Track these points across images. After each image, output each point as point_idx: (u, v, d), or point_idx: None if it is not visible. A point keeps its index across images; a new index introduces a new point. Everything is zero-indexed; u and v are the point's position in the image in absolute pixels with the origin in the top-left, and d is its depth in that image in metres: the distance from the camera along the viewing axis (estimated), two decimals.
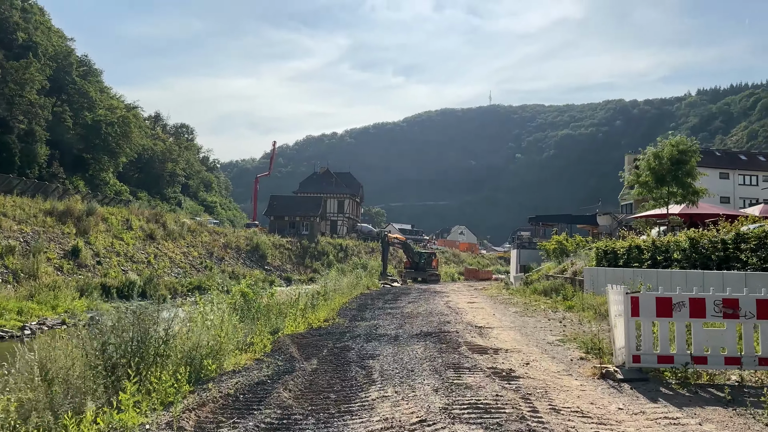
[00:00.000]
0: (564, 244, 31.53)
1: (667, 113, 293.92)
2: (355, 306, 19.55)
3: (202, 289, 39.90)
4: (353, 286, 27.80)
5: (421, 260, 48.90)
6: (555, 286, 23.08)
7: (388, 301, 22.23)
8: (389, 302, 21.81)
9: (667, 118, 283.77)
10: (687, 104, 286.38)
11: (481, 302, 23.00)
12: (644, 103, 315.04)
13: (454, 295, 27.59)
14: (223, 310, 8.87)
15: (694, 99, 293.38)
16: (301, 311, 13.85)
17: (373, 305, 20.07)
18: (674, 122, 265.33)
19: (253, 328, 10.05)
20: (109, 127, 77.77)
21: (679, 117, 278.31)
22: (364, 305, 19.97)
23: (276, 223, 69.41)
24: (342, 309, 18.01)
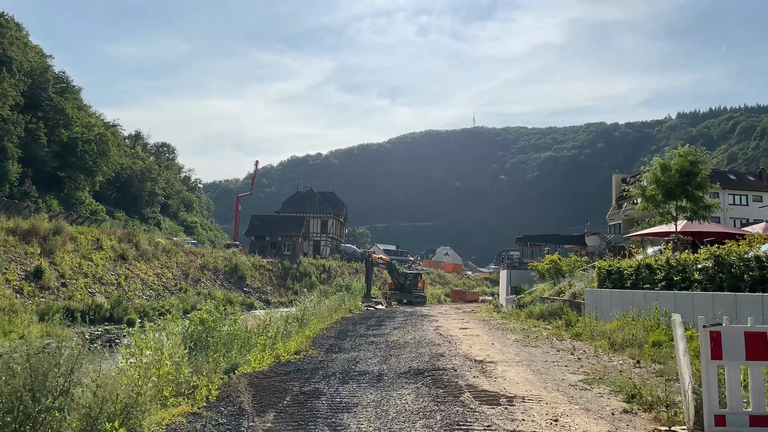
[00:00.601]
0: (558, 264, 29.99)
1: (648, 136, 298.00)
2: (334, 333, 17.61)
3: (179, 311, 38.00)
4: (334, 309, 26.05)
5: (407, 281, 47.13)
6: (553, 310, 21.48)
7: (371, 327, 20.31)
8: (372, 328, 19.91)
9: (648, 140, 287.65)
10: (667, 127, 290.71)
11: (474, 328, 21.29)
12: (625, 126, 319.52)
13: (443, 319, 25.80)
14: (162, 344, 7.11)
15: (675, 122, 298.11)
16: (271, 340, 12.02)
17: (355, 332, 18.21)
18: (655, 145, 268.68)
19: (206, 365, 8.26)
20: (86, 144, 75.55)
21: (660, 140, 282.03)
22: (345, 332, 18.11)
23: (257, 243, 67.37)
24: (319, 337, 16.11)
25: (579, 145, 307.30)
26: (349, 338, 16.05)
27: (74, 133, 74.65)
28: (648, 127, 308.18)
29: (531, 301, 26.45)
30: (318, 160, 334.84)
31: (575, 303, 21.43)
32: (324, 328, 18.68)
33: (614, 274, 18.78)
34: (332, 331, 18.34)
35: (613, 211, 58.59)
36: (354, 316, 26.95)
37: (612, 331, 14.13)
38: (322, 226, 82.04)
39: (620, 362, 10.81)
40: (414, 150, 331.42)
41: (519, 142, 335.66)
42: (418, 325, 21.84)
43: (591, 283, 21.46)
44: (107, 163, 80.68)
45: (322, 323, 19.58)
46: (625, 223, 54.68)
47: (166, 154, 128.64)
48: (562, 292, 24.56)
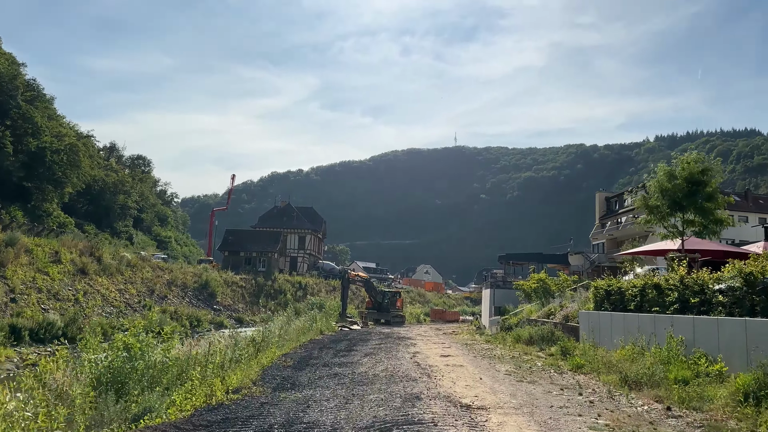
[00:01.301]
0: (547, 283, 28.26)
1: (627, 158, 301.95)
2: (294, 360, 15.22)
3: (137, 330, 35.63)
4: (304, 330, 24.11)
5: (385, 300, 45.23)
6: (543, 334, 19.62)
7: (339, 353, 18.10)
8: (341, 354, 17.72)
9: (626, 162, 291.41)
10: (646, 150, 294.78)
11: (457, 355, 19.00)
12: (604, 147, 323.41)
13: (422, 343, 23.72)
14: None
15: (653, 145, 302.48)
16: (216, 370, 10.10)
17: (318, 359, 15.95)
18: (633, 167, 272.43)
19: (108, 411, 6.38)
20: (55, 155, 72.80)
21: (639, 162, 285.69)
22: (307, 359, 15.85)
23: (230, 258, 65.00)
24: (273, 366, 13.74)
25: (559, 165, 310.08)
26: (309, 368, 13.75)
27: (43, 142, 71.92)
28: (626, 150, 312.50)
29: (517, 323, 24.61)
30: (299, 177, 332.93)
31: (568, 326, 19.61)
32: (284, 354, 16.45)
33: (614, 295, 16.94)
34: (293, 357, 16.04)
35: (597, 230, 57.63)
36: (324, 339, 24.87)
37: (619, 362, 12.33)
38: (300, 241, 79.90)
39: (645, 407, 8.91)
40: (396, 168, 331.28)
41: (500, 161, 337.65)
42: (394, 350, 19.66)
43: (586, 304, 19.61)
44: (78, 175, 78.03)
45: (284, 347, 17.52)
46: (608, 243, 53.70)
47: (141, 167, 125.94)
48: (552, 313, 22.71)
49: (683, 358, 11.36)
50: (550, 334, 19.42)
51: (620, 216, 53.80)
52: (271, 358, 14.55)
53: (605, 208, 58.06)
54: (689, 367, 10.75)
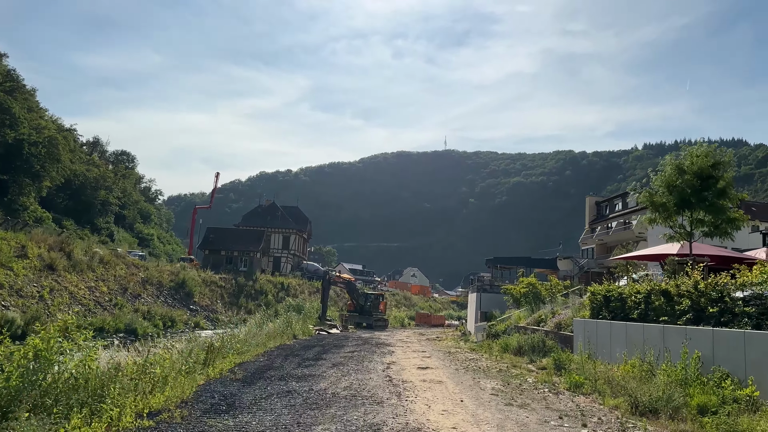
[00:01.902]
0: (537, 287, 26.87)
1: (615, 165, 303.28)
2: (249, 372, 13.33)
3: (105, 330, 33.94)
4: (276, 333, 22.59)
5: (367, 303, 43.72)
6: (534, 344, 18.01)
7: (305, 362, 16.18)
8: (306, 363, 15.80)
9: (614, 170, 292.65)
10: (634, 157, 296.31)
11: (437, 366, 17.04)
12: (593, 154, 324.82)
13: (400, 351, 22.02)
14: None
15: (641, 152, 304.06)
16: (145, 387, 8.57)
17: (278, 370, 14.05)
18: (621, 174, 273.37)
19: None
20: (33, 147, 70.76)
21: (627, 169, 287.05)
22: (264, 370, 13.96)
23: (211, 257, 63.23)
24: (218, 380, 11.85)
25: (548, 171, 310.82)
26: (261, 383, 11.89)
27: (21, 134, 69.86)
28: (615, 157, 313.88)
29: (505, 329, 23.12)
30: (288, 177, 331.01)
31: (561, 335, 18.09)
32: (241, 363, 14.69)
33: (614, 302, 15.30)
34: (249, 368, 14.14)
35: (586, 235, 56.61)
36: (295, 344, 23.18)
37: (624, 379, 10.63)
38: (284, 241, 78.22)
39: None
40: (385, 170, 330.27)
41: (489, 166, 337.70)
42: (367, 359, 17.87)
43: (581, 311, 18.10)
44: (57, 169, 76.10)
45: (247, 354, 15.97)
46: (598, 248, 52.69)
47: (125, 163, 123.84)
48: (543, 321, 21.13)
49: (704, 379, 9.75)
50: (541, 343, 17.89)
51: (611, 221, 52.87)
52: (221, 368, 12.76)
53: (595, 212, 57.11)
54: (712, 390, 9.17)
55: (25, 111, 76.17)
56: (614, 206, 54.21)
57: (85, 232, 77.51)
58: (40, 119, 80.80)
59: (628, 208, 50.39)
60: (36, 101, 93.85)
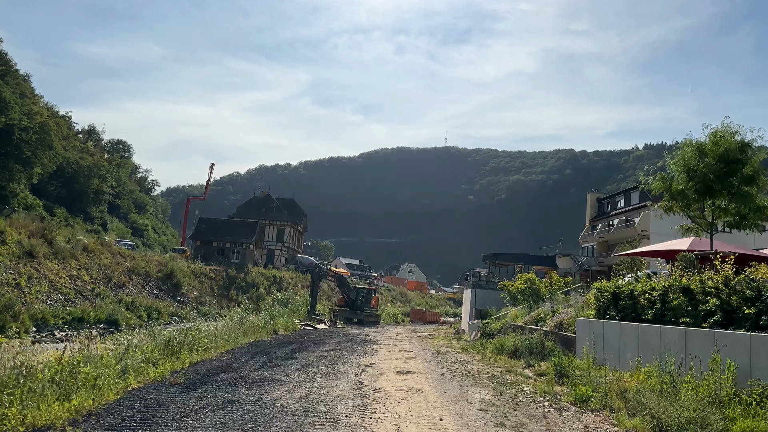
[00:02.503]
0: (536, 284, 25.37)
1: (615, 165, 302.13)
2: (196, 375, 11.46)
3: (85, 321, 32.64)
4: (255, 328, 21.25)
5: (358, 298, 42.34)
6: (532, 345, 16.42)
7: (271, 362, 14.43)
8: (271, 365, 14.04)
9: (615, 169, 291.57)
10: (634, 157, 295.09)
11: (420, 370, 15.15)
12: (593, 154, 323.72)
13: (384, 350, 20.39)
14: None
15: (642, 153, 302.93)
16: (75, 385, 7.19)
17: (233, 373, 12.16)
18: (622, 174, 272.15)
19: None
20: (23, 132, 69.35)
21: (627, 169, 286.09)
22: (217, 372, 12.08)
23: (202, 248, 61.84)
24: (154, 384, 10.08)
25: (547, 170, 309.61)
26: (205, 388, 10.08)
27: (11, 119, 68.45)
28: (615, 156, 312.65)
29: (500, 328, 21.70)
30: (287, 171, 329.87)
31: (563, 337, 16.49)
32: (200, 362, 13.00)
33: (624, 300, 13.56)
34: (202, 368, 12.37)
35: (587, 233, 55.21)
36: (272, 340, 21.66)
37: (639, 392, 8.87)
38: (279, 234, 76.83)
39: None
40: (384, 166, 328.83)
41: (489, 163, 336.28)
42: (342, 360, 16.04)
43: (584, 310, 16.50)
44: (49, 156, 74.80)
45: (213, 351, 14.57)
46: (599, 246, 51.35)
47: (120, 152, 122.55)
48: (542, 320, 19.51)
49: (744, 397, 7.92)
50: (539, 345, 16.26)
51: (612, 218, 51.44)
52: (170, 368, 11.08)
53: (596, 209, 55.69)
54: (757, 412, 7.40)
55: (16, 96, 74.80)
56: (616, 203, 52.81)
57: (77, 221, 76.25)
58: (33, 105, 79.38)
59: (630, 205, 49.02)
60: (31, 87, 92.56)
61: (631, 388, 9.29)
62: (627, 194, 51.81)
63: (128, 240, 64.97)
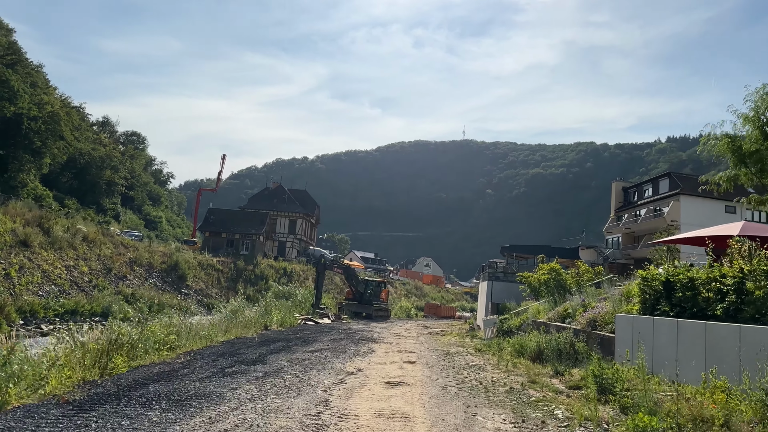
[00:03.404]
0: (561, 275, 22.54)
1: (638, 158, 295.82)
2: (116, 386, 9.04)
3: (78, 313, 31.07)
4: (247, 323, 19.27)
5: (367, 290, 40.16)
6: (559, 346, 13.65)
7: (231, 367, 12.04)
8: (226, 372, 11.46)
9: (637, 163, 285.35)
10: (657, 150, 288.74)
11: (417, 380, 12.01)
12: (615, 147, 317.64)
13: (381, 351, 17.72)
14: None
15: (665, 146, 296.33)
16: None
17: (170, 384, 9.68)
18: (644, 167, 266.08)
19: None
20: (32, 122, 68.45)
21: (649, 162, 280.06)
22: (150, 382, 9.66)
23: (211, 239, 60.27)
24: (44, 402, 7.63)
25: (567, 163, 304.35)
26: (105, 407, 7.56)
27: (20, 108, 67.58)
28: (637, 150, 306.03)
29: (520, 325, 19.20)
30: (304, 164, 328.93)
31: (597, 336, 13.74)
32: (141, 366, 10.77)
33: (680, 291, 10.71)
34: (140, 374, 10.17)
35: (612, 224, 52.32)
36: (261, 336, 19.34)
37: (728, 422, 6.29)
38: (290, 225, 75.04)
39: None
40: (402, 159, 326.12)
41: (508, 157, 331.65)
42: (321, 365, 13.28)
43: (624, 304, 13.59)
44: (59, 146, 74.01)
45: (179, 349, 12.56)
46: (625, 237, 48.58)
47: (135, 144, 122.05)
48: (570, 316, 16.69)
49: None
50: (569, 347, 13.41)
51: (639, 208, 48.51)
52: (73, 380, 8.59)
53: (622, 199, 52.75)
54: None
55: (27, 86, 73.95)
56: (643, 192, 49.87)
57: (89, 212, 75.44)
58: (43, 95, 78.50)
59: (659, 194, 46.10)
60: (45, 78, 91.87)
61: (715, 417, 6.35)
62: (655, 182, 48.84)
63: (136, 231, 63.61)
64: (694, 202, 39.78)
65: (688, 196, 41.14)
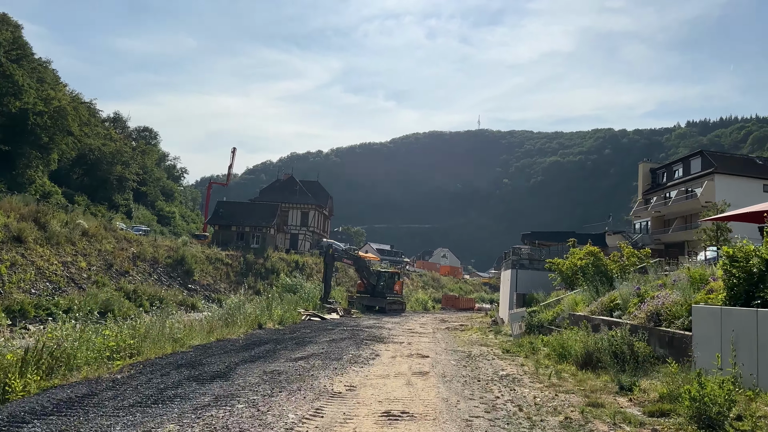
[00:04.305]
0: (602, 259, 18.80)
1: (657, 144, 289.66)
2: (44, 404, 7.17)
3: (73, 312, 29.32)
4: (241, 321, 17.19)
5: (380, 282, 37.87)
6: (615, 347, 10.52)
7: (171, 388, 9.22)
8: (177, 392, 9.02)
9: (656, 148, 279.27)
10: (677, 135, 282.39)
11: (429, 404, 8.92)
12: (634, 132, 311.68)
13: (387, 356, 14.68)
14: None
15: (684, 131, 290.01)
16: None
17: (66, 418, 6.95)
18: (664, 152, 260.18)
19: None
20: (38, 117, 67.29)
21: (669, 147, 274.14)
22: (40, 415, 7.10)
23: (221, 233, 58.52)
24: None
25: (585, 150, 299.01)
26: None
27: (25, 103, 66.41)
28: (657, 135, 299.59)
29: (552, 319, 16.66)
30: (318, 158, 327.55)
31: (662, 334, 10.94)
32: (58, 386, 8.18)
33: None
34: (57, 395, 7.78)
35: (639, 207, 49.37)
36: (249, 336, 17.06)
37: None
38: (303, 217, 73.08)
39: None
40: (417, 151, 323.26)
41: (524, 146, 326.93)
42: (299, 382, 10.32)
43: (712, 295, 10.26)
44: (67, 141, 72.95)
45: (140, 356, 10.46)
46: (654, 221, 45.74)
47: (147, 140, 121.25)
48: (618, 308, 13.50)
49: None
50: (626, 348, 10.32)
51: (669, 189, 45.49)
52: None
53: (650, 181, 49.68)
54: None
55: (33, 81, 72.83)
56: (673, 173, 46.80)
57: (100, 209, 74.31)
58: (50, 90, 77.32)
59: (691, 174, 43.10)
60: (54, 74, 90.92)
61: None
62: (686, 162, 45.70)
63: (144, 226, 62.11)
64: (730, 181, 36.96)
65: (723, 175, 38.25)
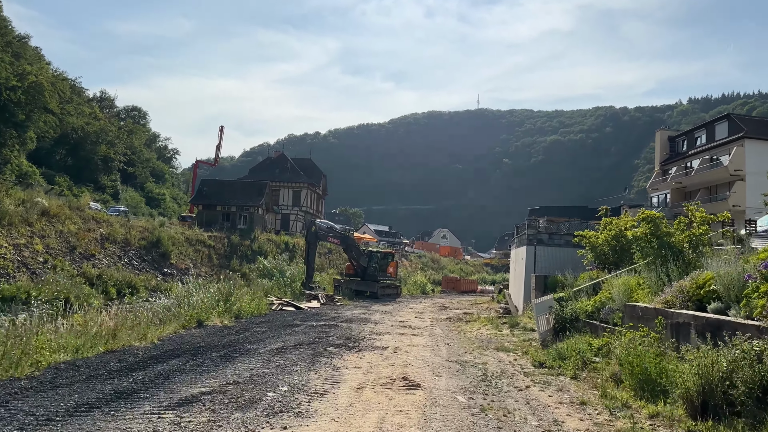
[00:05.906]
0: (665, 228, 12.84)
1: (659, 121, 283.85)
2: None
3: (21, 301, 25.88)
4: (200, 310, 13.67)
5: (371, 264, 34.27)
6: (760, 380, 5.51)
7: None
8: None
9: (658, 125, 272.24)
10: (678, 112, 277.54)
11: None
12: (635, 110, 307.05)
13: (352, 380, 9.88)
14: None
15: (686, 107, 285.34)
16: None
17: None
18: None
19: None
20: (11, 92, 63.31)
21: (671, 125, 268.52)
22: None
23: (205, 213, 54.86)
24: None
25: (586, 129, 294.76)
26: None
27: None
28: (658, 112, 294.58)
29: (595, 311, 11.91)
30: (316, 139, 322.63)
31: None
32: None
33: None
34: None
35: (657, 179, 45.56)
36: (163, 343, 12.80)
37: None
38: (294, 197, 69.39)
39: None
40: (415, 131, 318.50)
41: (524, 125, 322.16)
42: None
43: None
44: (45, 119, 69.08)
45: None
46: (674, 193, 42.06)
47: (137, 120, 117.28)
48: (718, 297, 8.66)
49: None
50: None
51: (691, 158, 41.55)
52: None
53: (668, 150, 45.76)
54: None
55: (8, 55, 68.80)
56: (695, 140, 42.76)
57: (84, 190, 70.80)
58: (27, 65, 73.17)
59: (716, 141, 39.13)
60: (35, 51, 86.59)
61: None
62: (710, 127, 41.54)
63: (121, 206, 58.46)
64: (762, 147, 33.23)
65: (753, 140, 34.38)
